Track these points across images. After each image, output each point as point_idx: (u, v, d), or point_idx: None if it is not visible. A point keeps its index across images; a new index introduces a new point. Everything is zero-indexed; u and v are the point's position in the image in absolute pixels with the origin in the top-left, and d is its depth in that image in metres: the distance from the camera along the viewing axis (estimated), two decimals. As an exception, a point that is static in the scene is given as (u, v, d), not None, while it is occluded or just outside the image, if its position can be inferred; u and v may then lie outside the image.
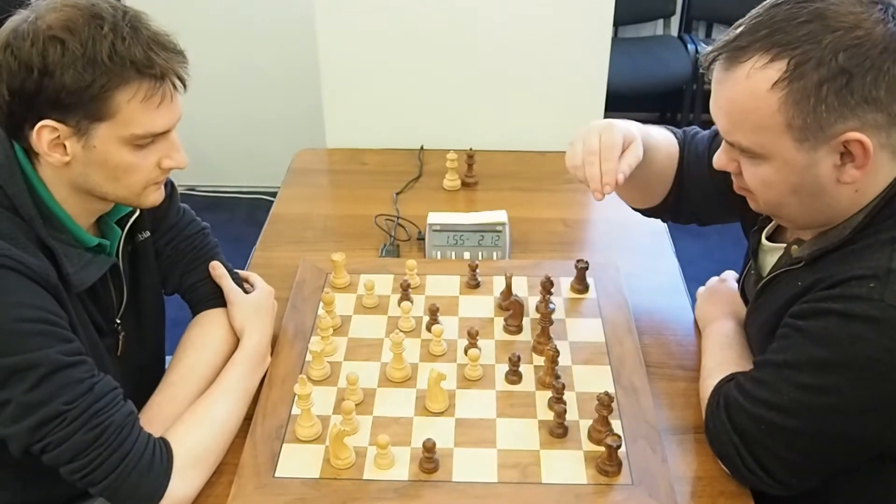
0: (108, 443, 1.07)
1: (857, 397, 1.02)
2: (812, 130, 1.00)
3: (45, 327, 1.06)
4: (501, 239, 1.64)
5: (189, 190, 3.39)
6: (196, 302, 1.41)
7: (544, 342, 1.37)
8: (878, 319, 0.99)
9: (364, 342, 1.41)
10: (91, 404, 1.07)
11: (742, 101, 1.04)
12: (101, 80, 1.04)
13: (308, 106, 2.45)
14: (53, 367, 1.05)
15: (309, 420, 1.23)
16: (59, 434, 1.05)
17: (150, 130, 1.10)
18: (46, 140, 1.07)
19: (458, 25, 1.95)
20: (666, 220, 1.54)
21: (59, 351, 1.06)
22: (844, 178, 1.03)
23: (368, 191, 1.89)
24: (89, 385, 1.08)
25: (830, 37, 0.97)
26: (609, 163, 1.20)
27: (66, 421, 1.05)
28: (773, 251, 1.25)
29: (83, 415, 1.06)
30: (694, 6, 3.69)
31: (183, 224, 1.43)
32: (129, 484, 1.08)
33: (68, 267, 1.13)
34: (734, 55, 1.03)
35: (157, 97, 1.08)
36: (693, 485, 1.18)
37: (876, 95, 0.97)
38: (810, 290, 1.08)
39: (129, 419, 1.11)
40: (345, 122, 2.07)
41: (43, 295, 1.08)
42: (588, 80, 2.01)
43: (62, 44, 1.02)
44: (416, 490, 1.15)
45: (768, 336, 1.15)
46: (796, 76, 0.98)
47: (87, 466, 1.07)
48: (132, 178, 1.13)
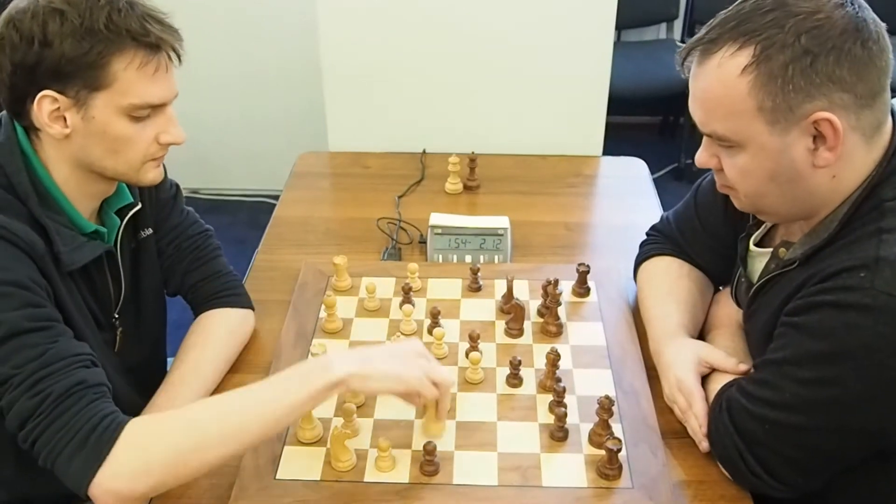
0: (47, 412, 1.02)
1: (857, 386, 1.03)
2: (782, 112, 1.03)
3: (13, 290, 1.05)
4: (503, 242, 1.64)
5: (192, 193, 3.40)
6: (198, 302, 1.42)
7: (551, 322, 1.40)
8: (872, 307, 1.00)
9: (366, 345, 1.41)
10: (36, 370, 1.03)
11: (715, 90, 1.07)
12: (98, 48, 1.08)
13: (310, 109, 2.45)
14: (11, 330, 1.04)
15: (310, 422, 1.23)
16: (7, 398, 1.04)
17: (146, 101, 1.13)
18: (47, 111, 1.10)
19: (461, 30, 1.95)
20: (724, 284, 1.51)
21: (22, 315, 1.05)
22: (818, 162, 1.06)
23: (370, 194, 1.90)
24: (42, 350, 1.04)
25: (793, 21, 1.02)
26: (696, 407, 1.22)
27: (12, 386, 1.03)
28: (761, 256, 1.25)
29: (26, 381, 1.03)
30: (697, 10, 3.69)
31: (186, 224, 1.44)
32: (62, 457, 1.01)
33: (60, 245, 1.14)
34: (706, 48, 1.08)
35: (152, 65, 1.11)
36: (694, 488, 1.18)
37: (840, 75, 1.01)
38: (803, 288, 1.10)
39: (77, 388, 1.04)
40: (347, 126, 2.08)
41: (23, 259, 1.08)
42: (590, 83, 2.01)
43: (61, 15, 1.07)
44: (417, 493, 1.15)
45: (767, 340, 1.15)
46: (763, 59, 1.03)
47: (30, 435, 1.03)
48: (131, 151, 1.16)
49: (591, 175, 2.02)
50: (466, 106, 2.04)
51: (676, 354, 1.28)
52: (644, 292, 1.45)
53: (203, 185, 3.45)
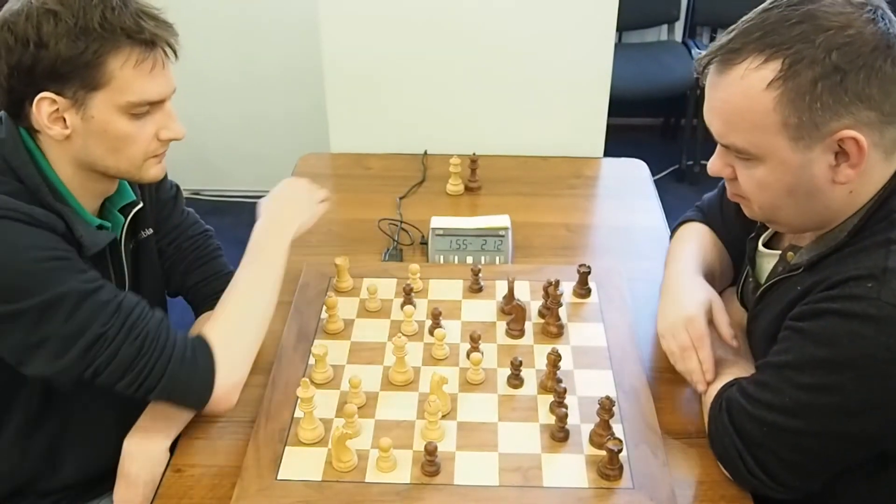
0: (151, 350, 1.14)
1: (858, 396, 1.03)
2: (807, 129, 1.01)
3: (61, 263, 1.11)
4: (504, 243, 1.64)
5: (194, 194, 3.40)
6: (199, 303, 1.42)
7: (552, 322, 1.40)
8: (877, 318, 1.00)
9: (367, 346, 1.41)
10: (125, 320, 1.13)
11: (737, 102, 1.05)
12: (94, 47, 1.08)
13: (312, 110, 2.45)
14: (80, 295, 1.10)
15: (311, 423, 1.23)
16: (105, 354, 1.11)
17: (144, 98, 1.14)
18: (46, 113, 1.10)
19: (462, 31, 1.96)
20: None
21: (81, 280, 1.11)
22: (839, 178, 1.04)
23: (372, 195, 1.90)
24: (117, 304, 1.13)
25: (823, 36, 0.99)
26: (704, 351, 1.24)
27: (108, 341, 1.11)
28: (769, 258, 1.25)
29: (121, 331, 1.12)
30: (698, 12, 3.69)
31: (186, 225, 1.44)
32: (180, 382, 1.16)
33: (80, 228, 1.16)
34: (728, 58, 1.05)
35: (148, 62, 1.12)
36: (694, 489, 1.18)
37: (869, 93, 0.99)
38: (809, 293, 1.09)
39: (163, 325, 1.17)
40: (349, 127, 2.08)
41: (51, 237, 1.12)
42: (591, 85, 2.02)
43: (55, 16, 1.07)
44: (418, 493, 1.15)
45: (770, 341, 1.16)
46: (791, 75, 1.00)
47: (138, 377, 1.14)
48: (131, 149, 1.16)
49: (593, 176, 2.02)
50: (468, 107, 2.04)
51: (692, 292, 1.29)
52: (672, 245, 1.47)
53: (205, 186, 3.45)
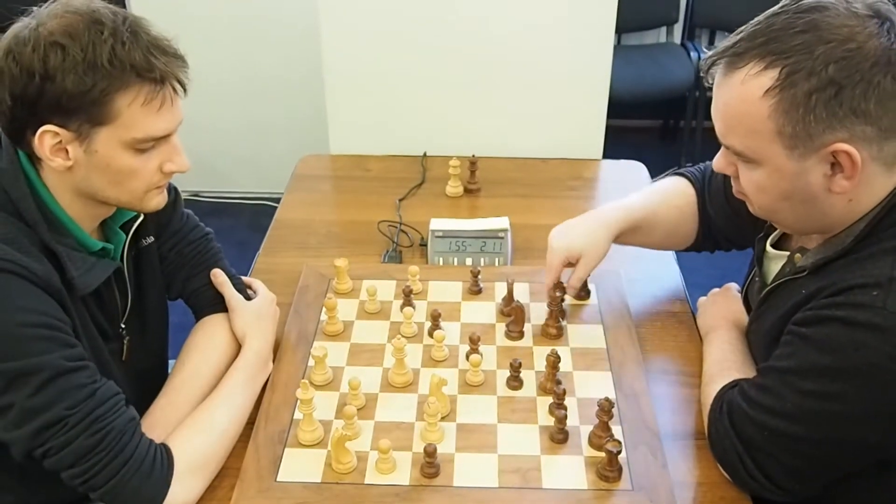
0: (109, 448, 1.07)
1: (860, 404, 1.03)
2: (801, 139, 1.02)
3: (47, 332, 1.06)
4: (503, 245, 1.64)
5: (193, 196, 3.40)
6: (199, 307, 1.42)
7: (551, 324, 1.41)
8: (882, 327, 0.99)
9: (366, 347, 1.42)
10: (92, 409, 1.07)
11: (736, 106, 1.06)
12: (102, 84, 1.04)
13: (312, 112, 2.46)
14: (55, 371, 1.05)
15: (311, 424, 1.23)
16: (61, 439, 1.06)
17: (151, 134, 1.11)
18: (48, 145, 1.07)
19: (462, 33, 1.96)
20: (707, 250, 1.56)
21: (61, 356, 1.06)
22: (835, 189, 1.04)
23: (371, 197, 1.90)
24: (91, 390, 1.08)
25: (823, 48, 0.99)
26: (547, 278, 1.44)
27: (68, 426, 1.06)
28: (777, 259, 1.25)
29: (84, 420, 1.06)
30: (697, 13, 3.70)
31: (187, 229, 1.44)
32: (129, 489, 1.09)
33: (73, 270, 1.13)
34: (732, 61, 1.06)
35: (157, 101, 1.09)
36: (694, 490, 1.18)
37: (865, 108, 0.98)
38: (814, 298, 1.09)
39: (131, 425, 1.11)
40: (348, 129, 2.08)
41: (46, 300, 1.08)
42: (590, 87, 2.02)
43: (63, 49, 1.03)
44: (417, 494, 1.15)
45: (772, 343, 1.16)
46: (787, 85, 1.00)
47: (88, 471, 1.07)
48: (134, 182, 1.14)
49: (592, 178, 2.02)
50: (467, 109, 2.04)
51: (582, 229, 1.46)
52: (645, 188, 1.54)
53: (205, 188, 3.45)
